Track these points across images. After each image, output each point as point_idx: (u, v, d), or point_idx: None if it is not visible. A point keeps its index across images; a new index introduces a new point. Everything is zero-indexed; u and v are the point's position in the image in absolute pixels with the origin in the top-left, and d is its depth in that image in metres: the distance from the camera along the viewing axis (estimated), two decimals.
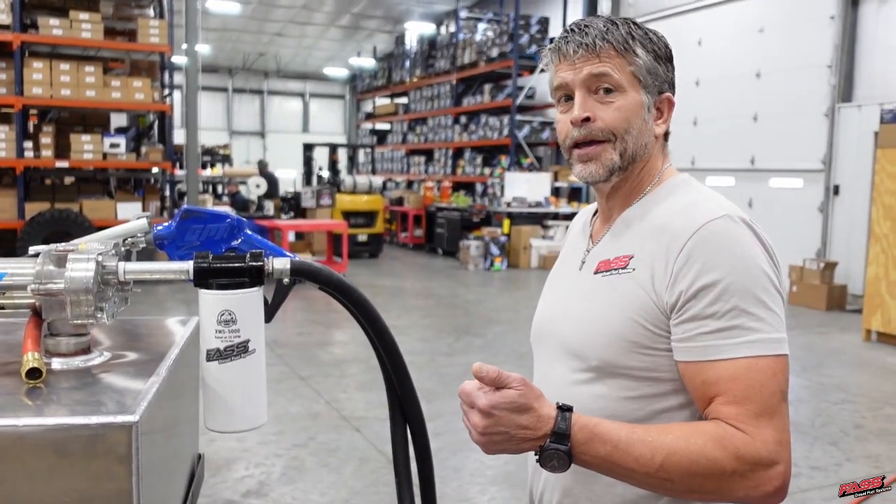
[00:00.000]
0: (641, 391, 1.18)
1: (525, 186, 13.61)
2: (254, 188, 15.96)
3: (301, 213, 13.29)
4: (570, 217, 13.75)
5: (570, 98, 1.24)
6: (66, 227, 9.02)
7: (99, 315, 0.97)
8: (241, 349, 0.99)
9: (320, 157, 16.13)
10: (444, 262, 13.55)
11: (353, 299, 1.09)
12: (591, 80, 1.20)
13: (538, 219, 13.34)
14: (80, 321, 0.97)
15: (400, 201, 16.44)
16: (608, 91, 1.20)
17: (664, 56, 1.25)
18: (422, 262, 13.78)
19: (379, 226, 14.10)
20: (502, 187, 13.76)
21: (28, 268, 0.98)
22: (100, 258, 0.97)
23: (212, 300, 0.98)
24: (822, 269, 9.18)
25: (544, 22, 14.90)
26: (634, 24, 1.24)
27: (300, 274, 1.04)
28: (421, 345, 6.90)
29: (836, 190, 9.95)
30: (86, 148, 9.75)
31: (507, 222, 12.97)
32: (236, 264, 0.99)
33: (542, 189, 13.66)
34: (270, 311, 1.06)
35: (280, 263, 1.02)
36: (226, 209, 11.73)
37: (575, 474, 1.15)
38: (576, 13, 14.92)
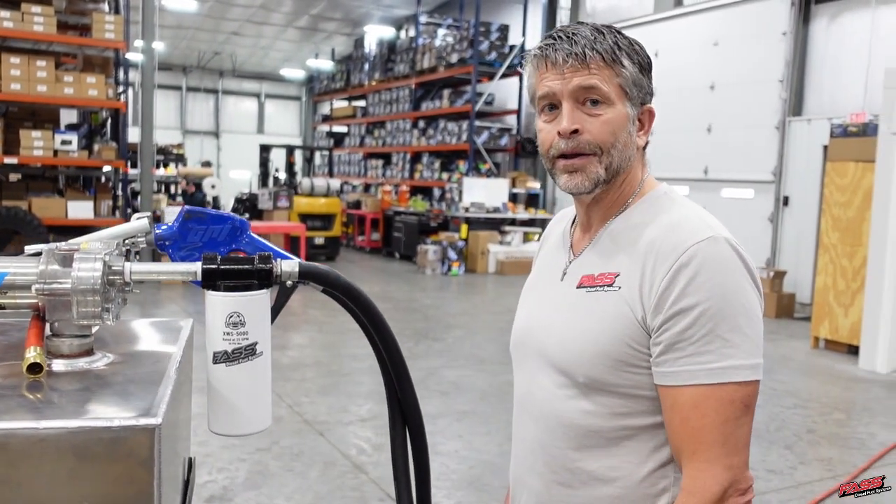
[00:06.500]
0: (628, 408, 1.20)
1: (483, 192, 13.69)
2: (209, 188, 15.70)
3: (257, 214, 13.14)
4: (527, 223, 13.87)
5: (554, 107, 1.22)
6: (15, 226, 8.76)
7: (105, 316, 0.95)
8: (249, 351, 0.98)
9: (277, 158, 15.97)
10: (402, 266, 13.53)
11: (359, 303, 1.09)
12: (579, 91, 1.18)
13: (496, 224, 13.43)
14: (85, 322, 0.95)
15: (357, 205, 16.36)
16: (595, 102, 1.19)
17: (647, 67, 1.24)
18: (379, 265, 13.73)
19: (336, 229, 14.03)
20: (460, 192, 13.81)
21: (31, 267, 0.95)
22: (107, 258, 0.95)
23: (220, 302, 0.97)
24: (772, 278, 9.43)
25: (504, 29, 15.03)
26: (619, 33, 1.22)
27: (309, 277, 1.04)
28: None
29: (786, 201, 10.24)
30: (36, 144, 9.45)
31: (464, 227, 13.03)
32: (245, 266, 0.98)
33: (499, 195, 13.75)
34: (273, 312, 1.05)
35: (288, 266, 1.02)
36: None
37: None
38: (535, 21, 15.08)
